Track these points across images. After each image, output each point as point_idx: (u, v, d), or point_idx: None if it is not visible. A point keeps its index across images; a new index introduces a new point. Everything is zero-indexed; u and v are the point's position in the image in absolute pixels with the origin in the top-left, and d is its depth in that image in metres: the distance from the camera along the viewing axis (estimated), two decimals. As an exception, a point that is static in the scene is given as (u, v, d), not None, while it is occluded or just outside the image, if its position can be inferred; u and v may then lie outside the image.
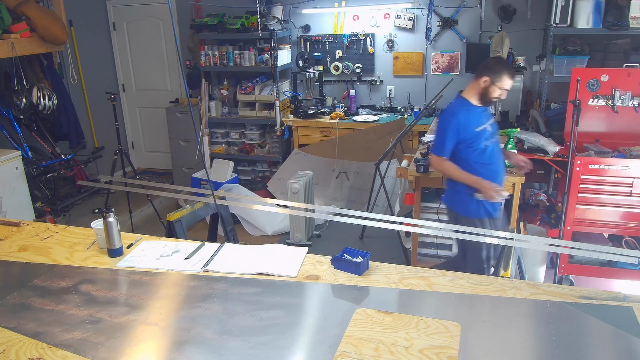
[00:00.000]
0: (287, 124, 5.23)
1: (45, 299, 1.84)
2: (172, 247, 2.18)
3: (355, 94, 5.29)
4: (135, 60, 6.16)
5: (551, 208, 4.19)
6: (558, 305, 1.71)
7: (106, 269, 2.05)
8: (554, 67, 4.03)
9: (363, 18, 5.13)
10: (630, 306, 1.69)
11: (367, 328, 1.60)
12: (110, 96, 4.39)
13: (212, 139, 5.55)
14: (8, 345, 1.59)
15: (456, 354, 1.48)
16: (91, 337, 1.61)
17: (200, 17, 5.45)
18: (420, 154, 3.66)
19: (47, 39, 4.61)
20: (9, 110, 4.58)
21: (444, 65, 5.04)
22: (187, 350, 1.54)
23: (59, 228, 2.45)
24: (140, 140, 6.51)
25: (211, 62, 5.29)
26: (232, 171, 5.19)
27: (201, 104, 5.22)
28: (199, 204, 3.04)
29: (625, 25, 3.72)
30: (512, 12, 4.61)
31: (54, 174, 4.80)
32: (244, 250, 2.17)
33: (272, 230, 4.57)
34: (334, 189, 5.08)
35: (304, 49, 5.35)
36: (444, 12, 4.90)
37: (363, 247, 3.93)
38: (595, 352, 1.51)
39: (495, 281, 1.88)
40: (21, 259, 2.15)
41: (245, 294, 1.83)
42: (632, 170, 3.15)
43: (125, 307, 1.77)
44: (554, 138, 3.70)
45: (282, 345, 1.55)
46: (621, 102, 3.46)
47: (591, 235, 3.62)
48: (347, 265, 1.96)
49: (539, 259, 3.50)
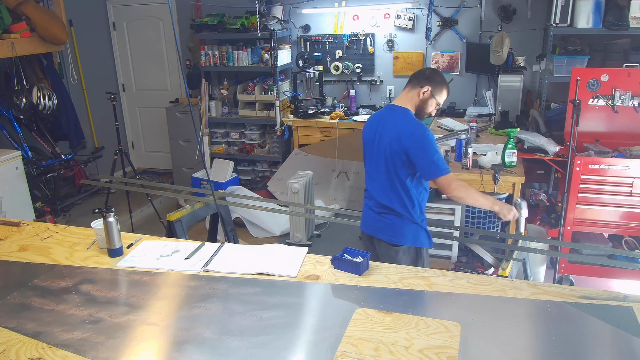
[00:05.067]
0: (287, 124, 5.23)
1: (45, 299, 1.84)
2: (172, 247, 2.18)
3: (355, 94, 5.29)
4: (135, 60, 6.16)
5: (551, 208, 4.20)
6: (558, 305, 1.71)
7: (106, 269, 2.05)
8: (554, 67, 4.03)
9: (363, 18, 5.13)
10: (630, 306, 1.69)
11: (367, 328, 1.60)
12: (110, 96, 4.38)
13: (212, 139, 5.55)
14: (8, 345, 1.59)
15: (456, 354, 1.48)
16: (91, 337, 1.61)
17: (200, 17, 5.45)
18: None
19: (47, 39, 4.61)
20: (9, 110, 4.58)
21: (444, 65, 5.04)
22: (187, 350, 1.54)
23: (59, 228, 2.44)
24: (140, 140, 6.51)
25: (211, 62, 5.29)
26: (232, 171, 5.20)
27: (201, 104, 5.22)
28: (199, 204, 3.04)
29: (625, 25, 3.72)
30: (512, 12, 4.60)
31: (54, 174, 4.79)
32: (244, 250, 2.17)
33: (279, 231, 4.56)
34: (334, 189, 5.08)
35: (304, 49, 5.35)
36: (444, 12, 4.90)
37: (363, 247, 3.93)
38: (595, 352, 1.51)
39: (495, 281, 1.88)
40: (21, 259, 2.15)
41: (245, 294, 1.83)
42: (632, 170, 3.15)
43: (125, 307, 1.77)
44: (554, 138, 3.70)
45: (282, 345, 1.55)
46: (621, 102, 3.45)
47: (591, 235, 3.62)
48: (347, 265, 1.96)
49: (539, 258, 3.50)
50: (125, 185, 4.35)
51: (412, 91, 2.40)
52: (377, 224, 2.48)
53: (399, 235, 2.42)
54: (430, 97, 2.37)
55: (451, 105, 4.98)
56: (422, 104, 2.38)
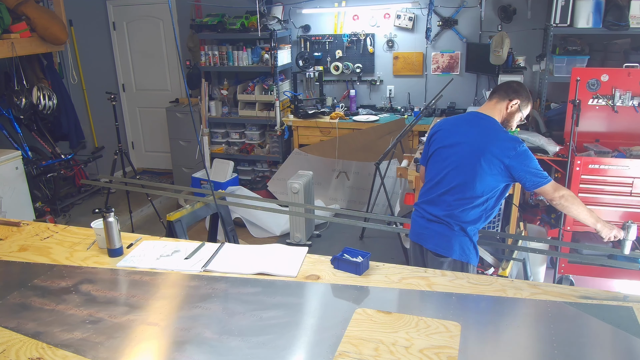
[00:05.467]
0: (287, 124, 5.23)
1: (45, 299, 1.84)
2: (172, 247, 2.18)
3: (355, 94, 5.29)
4: (135, 60, 6.16)
5: (551, 208, 4.19)
6: (558, 305, 1.71)
7: (106, 269, 2.05)
8: (554, 67, 4.03)
9: (363, 18, 5.13)
10: (630, 306, 1.69)
11: (367, 328, 1.60)
12: (110, 96, 4.38)
13: (212, 139, 5.55)
14: (8, 345, 1.59)
15: (456, 354, 1.48)
16: (91, 337, 1.61)
17: (200, 17, 5.45)
18: (420, 153, 3.66)
19: (47, 39, 4.61)
20: (9, 110, 4.58)
21: (444, 65, 5.04)
22: (187, 350, 1.54)
23: (59, 228, 2.44)
24: (140, 140, 6.51)
25: (211, 62, 5.29)
26: (232, 171, 5.20)
27: (201, 103, 5.22)
28: (199, 204, 3.04)
29: (625, 25, 3.72)
30: (512, 12, 4.61)
31: (54, 174, 4.79)
32: (243, 250, 2.17)
33: (280, 231, 4.56)
34: (334, 189, 5.08)
35: (304, 49, 5.35)
36: (444, 12, 4.90)
37: (363, 247, 3.94)
38: (595, 352, 1.51)
39: (495, 281, 1.88)
40: (21, 259, 2.15)
41: (245, 294, 1.83)
42: (632, 170, 3.15)
43: (125, 307, 1.77)
44: (554, 138, 3.70)
45: (282, 345, 1.55)
46: (621, 102, 3.45)
47: (591, 235, 3.62)
48: (347, 265, 1.96)
49: (539, 258, 3.50)
50: (125, 185, 4.35)
51: (500, 103, 2.34)
52: (424, 232, 2.39)
53: (446, 246, 2.31)
54: (517, 110, 2.34)
55: (451, 105, 4.99)
56: (508, 117, 2.35)
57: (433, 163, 2.40)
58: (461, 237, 2.29)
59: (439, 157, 2.36)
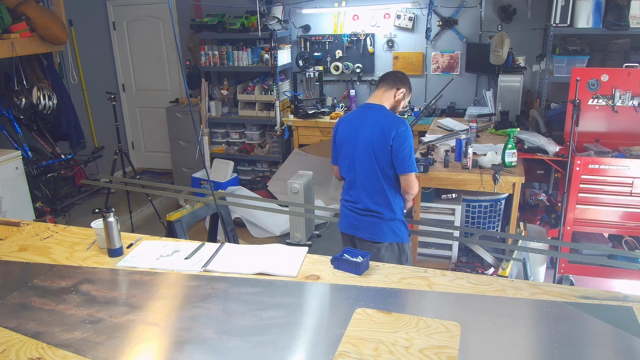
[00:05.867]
0: (287, 124, 5.23)
1: (45, 299, 1.84)
2: (172, 247, 2.18)
3: (355, 93, 5.29)
4: (135, 60, 6.16)
5: (551, 208, 4.20)
6: (558, 305, 1.71)
7: (106, 269, 2.05)
8: (554, 67, 4.03)
9: (363, 18, 5.13)
10: (630, 306, 1.69)
11: (367, 328, 1.60)
12: (110, 96, 4.39)
13: (212, 139, 5.56)
14: (8, 345, 1.59)
15: (456, 354, 1.48)
16: (91, 337, 1.61)
17: (200, 17, 5.45)
18: (420, 153, 3.66)
19: (47, 39, 4.61)
20: (9, 110, 4.58)
21: (444, 65, 5.04)
22: (187, 350, 1.54)
23: (59, 228, 2.44)
24: (140, 140, 6.51)
25: (211, 62, 5.29)
26: (232, 171, 5.20)
27: (201, 103, 5.22)
28: (199, 204, 3.04)
29: (625, 25, 3.72)
30: (512, 12, 4.61)
31: (54, 174, 4.80)
32: (243, 250, 2.17)
33: (279, 231, 4.56)
34: (334, 189, 5.08)
35: (304, 49, 5.35)
36: (444, 12, 4.90)
37: (363, 247, 3.93)
38: (595, 352, 1.51)
39: (495, 281, 1.88)
40: (21, 259, 2.15)
41: (245, 294, 1.83)
42: (632, 170, 3.15)
43: (125, 307, 1.77)
44: (554, 138, 3.70)
45: (282, 345, 1.55)
46: (621, 102, 3.45)
47: (591, 235, 3.62)
48: (347, 265, 1.96)
49: (539, 258, 3.50)
50: (125, 185, 4.35)
51: (388, 92, 2.57)
52: (357, 224, 2.57)
53: (379, 233, 2.52)
54: (402, 98, 2.59)
55: (451, 105, 4.99)
56: (396, 104, 2.59)
57: (342, 161, 2.60)
58: (390, 221, 2.51)
59: (345, 154, 2.56)
